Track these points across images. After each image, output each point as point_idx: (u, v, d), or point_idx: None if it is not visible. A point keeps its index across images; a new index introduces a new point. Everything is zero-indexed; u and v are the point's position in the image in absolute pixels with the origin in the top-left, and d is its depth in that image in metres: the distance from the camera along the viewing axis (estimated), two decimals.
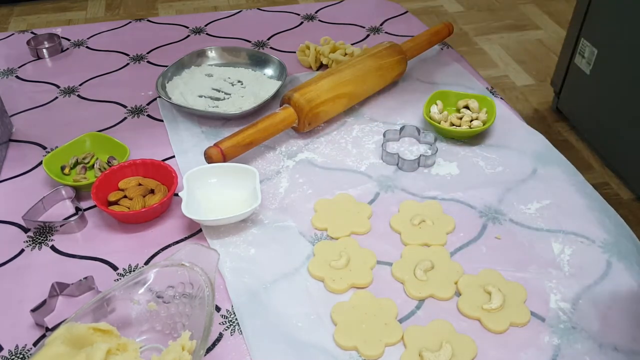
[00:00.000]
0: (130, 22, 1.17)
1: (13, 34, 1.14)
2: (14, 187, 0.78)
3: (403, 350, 0.56)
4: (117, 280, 0.64)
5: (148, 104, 0.93)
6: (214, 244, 0.68)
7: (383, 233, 0.69)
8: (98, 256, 0.67)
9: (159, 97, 0.93)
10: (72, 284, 0.62)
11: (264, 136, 0.79)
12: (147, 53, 1.07)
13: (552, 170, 0.78)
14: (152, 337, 0.57)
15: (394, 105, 0.92)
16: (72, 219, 0.70)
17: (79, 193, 0.75)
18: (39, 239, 0.69)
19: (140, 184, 0.74)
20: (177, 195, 0.72)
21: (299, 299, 0.61)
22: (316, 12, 1.19)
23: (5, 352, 0.57)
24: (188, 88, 0.93)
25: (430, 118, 0.84)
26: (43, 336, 0.58)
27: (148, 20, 1.18)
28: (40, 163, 0.80)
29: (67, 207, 0.74)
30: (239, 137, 0.77)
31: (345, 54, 0.99)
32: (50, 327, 0.59)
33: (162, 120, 0.89)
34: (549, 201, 0.73)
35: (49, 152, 0.82)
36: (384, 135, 0.83)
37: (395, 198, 0.74)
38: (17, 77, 1.01)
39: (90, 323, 0.52)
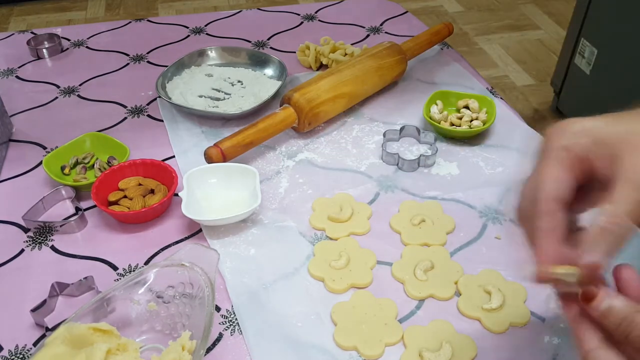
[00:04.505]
0: (130, 22, 1.17)
1: (13, 34, 1.14)
2: (14, 187, 0.78)
3: (403, 350, 0.56)
4: (117, 280, 0.64)
5: (148, 104, 0.93)
6: (214, 244, 0.68)
7: (383, 233, 0.69)
8: (98, 256, 0.67)
9: (159, 97, 0.93)
10: (72, 284, 0.62)
11: (264, 136, 0.79)
12: (147, 53, 1.07)
13: None
14: (152, 337, 0.57)
15: (394, 105, 0.91)
16: (72, 219, 0.70)
17: (79, 193, 0.75)
18: (39, 239, 0.69)
19: (140, 184, 0.74)
20: (177, 195, 0.72)
21: (299, 299, 0.61)
22: (316, 12, 1.19)
23: (5, 352, 0.57)
24: (188, 88, 0.93)
25: (430, 118, 0.84)
26: (43, 336, 0.58)
27: (148, 20, 1.18)
28: (40, 163, 0.80)
29: (67, 207, 0.74)
30: (239, 137, 0.77)
31: (345, 54, 0.99)
32: (50, 327, 0.59)
33: (162, 120, 0.89)
34: None
35: (49, 152, 0.82)
36: (384, 135, 0.83)
37: (395, 198, 0.74)
38: (17, 77, 1.01)
39: (90, 323, 0.52)
